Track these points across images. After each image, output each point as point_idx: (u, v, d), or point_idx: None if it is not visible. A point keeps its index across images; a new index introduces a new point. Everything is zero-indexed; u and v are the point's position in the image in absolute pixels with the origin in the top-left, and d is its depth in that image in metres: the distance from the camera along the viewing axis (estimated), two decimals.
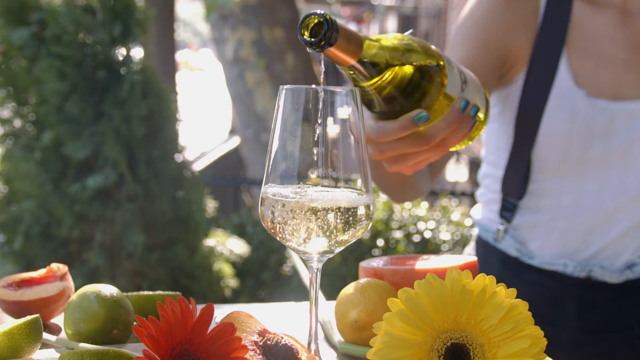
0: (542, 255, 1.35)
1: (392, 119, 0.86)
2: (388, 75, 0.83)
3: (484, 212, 1.45)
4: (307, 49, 0.76)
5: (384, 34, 0.87)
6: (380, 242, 3.69)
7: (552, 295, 1.34)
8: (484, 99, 0.95)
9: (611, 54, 1.28)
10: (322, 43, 0.76)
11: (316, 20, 0.77)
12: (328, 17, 0.76)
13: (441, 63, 0.86)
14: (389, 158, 0.92)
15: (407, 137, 0.87)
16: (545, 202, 1.33)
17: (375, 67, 0.82)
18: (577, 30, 1.28)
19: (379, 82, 0.83)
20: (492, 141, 1.41)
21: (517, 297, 0.72)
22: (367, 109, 0.89)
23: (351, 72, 0.83)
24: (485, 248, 1.43)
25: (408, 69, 0.84)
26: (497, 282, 0.72)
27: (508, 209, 1.36)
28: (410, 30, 0.91)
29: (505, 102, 1.33)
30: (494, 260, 1.40)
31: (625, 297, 1.33)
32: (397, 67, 0.83)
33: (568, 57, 1.28)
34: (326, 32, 0.75)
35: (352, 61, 0.81)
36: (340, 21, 0.78)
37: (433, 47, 0.88)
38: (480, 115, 0.94)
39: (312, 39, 0.76)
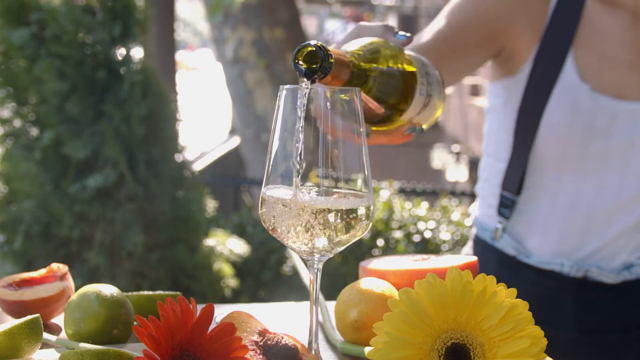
0: (539, 255, 1.35)
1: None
2: (363, 84, 0.85)
3: (482, 207, 1.45)
4: (303, 79, 0.77)
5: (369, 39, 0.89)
6: (380, 242, 3.69)
7: (549, 294, 1.34)
8: (441, 97, 0.98)
9: (618, 55, 1.28)
10: (320, 74, 0.76)
11: (309, 49, 0.78)
12: (322, 47, 0.77)
13: (411, 82, 0.89)
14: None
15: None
16: (543, 199, 1.33)
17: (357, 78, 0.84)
18: (586, 28, 1.28)
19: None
20: (493, 133, 1.41)
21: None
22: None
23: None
24: (482, 247, 1.43)
25: (371, 85, 0.85)
26: (503, 284, 0.71)
27: (506, 206, 1.36)
28: (408, 34, 0.91)
29: (509, 93, 1.33)
30: (492, 260, 1.40)
31: (623, 298, 1.33)
32: (369, 76, 0.85)
33: (574, 52, 1.28)
34: (323, 62, 0.76)
35: (343, 81, 0.82)
36: (329, 47, 0.79)
37: (407, 57, 0.89)
38: (423, 128, 0.97)
39: (310, 70, 0.77)
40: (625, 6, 1.29)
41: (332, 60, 0.77)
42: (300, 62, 0.78)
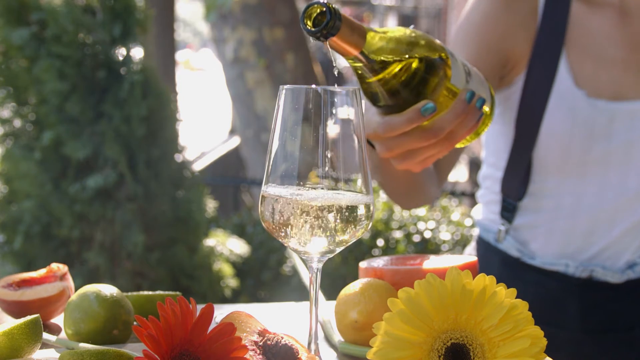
0: (544, 256, 1.35)
1: (398, 112, 0.86)
2: (393, 67, 0.83)
3: (484, 212, 1.45)
4: (311, 38, 0.76)
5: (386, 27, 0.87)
6: (380, 242, 3.69)
7: (553, 295, 1.34)
8: (488, 93, 0.95)
9: (610, 54, 1.28)
10: (325, 32, 0.75)
11: (319, 10, 0.77)
12: (331, 6, 0.76)
13: (445, 55, 0.86)
14: (397, 155, 0.92)
15: (414, 131, 0.87)
16: (546, 203, 1.33)
17: (380, 59, 0.82)
18: (576, 31, 1.28)
19: (384, 74, 0.83)
20: (492, 143, 1.41)
21: (518, 298, 0.72)
22: (373, 103, 0.89)
23: (356, 64, 0.83)
24: (486, 248, 1.43)
25: (412, 61, 0.83)
26: (498, 283, 0.72)
27: (508, 210, 1.36)
28: (412, 26, 0.91)
29: (506, 104, 1.33)
30: (495, 261, 1.40)
31: (627, 297, 1.33)
32: (401, 59, 0.83)
33: (567, 57, 1.28)
34: (329, 21, 0.75)
35: (356, 52, 0.80)
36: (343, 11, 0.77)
37: (436, 40, 0.88)
38: (486, 108, 0.93)
39: (315, 28, 0.76)
40: (610, 4, 1.29)
41: (341, 20, 0.76)
42: (309, 24, 0.77)
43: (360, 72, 0.84)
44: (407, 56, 0.83)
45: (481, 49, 1.28)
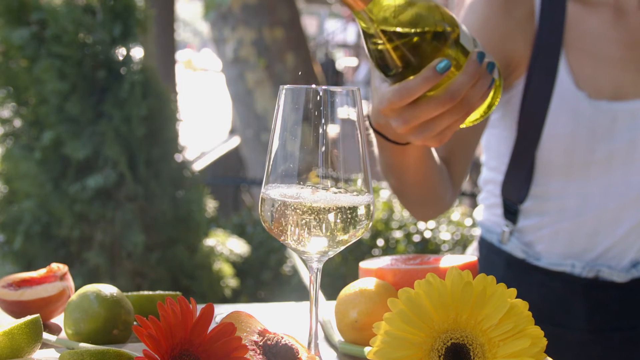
0: (549, 257, 1.35)
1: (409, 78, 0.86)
2: (403, 25, 0.82)
3: (486, 215, 1.45)
4: None
5: None
6: (380, 242, 3.69)
7: (559, 296, 1.34)
8: (495, 64, 0.95)
9: (608, 53, 1.28)
10: None
11: None
12: None
13: (453, 20, 0.86)
14: (414, 128, 0.90)
15: (430, 99, 0.86)
16: (551, 205, 1.33)
17: (389, 15, 0.81)
18: (574, 32, 1.28)
19: (394, 33, 0.82)
20: (493, 146, 1.41)
21: (524, 299, 0.71)
22: (384, 73, 0.88)
23: (366, 24, 0.82)
24: (489, 249, 1.43)
25: (422, 18, 0.83)
26: (503, 284, 0.71)
27: (511, 212, 1.36)
28: None
29: (506, 107, 1.33)
30: (499, 262, 1.40)
31: (631, 296, 1.34)
32: (411, 16, 0.82)
33: (567, 58, 1.28)
34: None
35: (364, 4, 0.80)
36: None
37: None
38: (496, 75, 0.93)
39: None
40: (606, 3, 1.29)
41: None
42: None
43: (369, 33, 0.83)
44: (416, 13, 0.82)
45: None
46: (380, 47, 0.84)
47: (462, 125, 0.94)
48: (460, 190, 1.31)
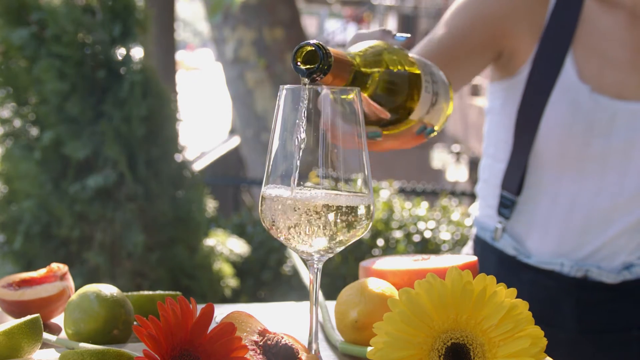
0: (539, 255, 1.35)
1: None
2: (368, 86, 0.85)
3: (482, 207, 1.45)
4: (303, 78, 0.77)
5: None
6: (380, 242, 3.69)
7: (549, 295, 1.34)
8: (448, 97, 0.97)
9: (617, 55, 1.28)
10: (319, 73, 0.76)
11: (309, 49, 0.78)
12: (321, 45, 0.77)
13: (417, 80, 0.89)
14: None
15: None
16: (543, 200, 1.33)
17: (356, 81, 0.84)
18: (585, 28, 1.28)
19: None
20: (493, 133, 1.41)
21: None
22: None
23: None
24: (483, 247, 1.43)
25: (378, 85, 0.86)
26: (503, 284, 0.71)
27: (506, 206, 1.36)
28: (407, 35, 0.92)
29: (508, 94, 1.33)
30: (492, 259, 1.40)
31: (623, 298, 1.33)
32: (373, 77, 0.85)
33: (574, 53, 1.28)
34: (321, 61, 0.76)
35: (342, 84, 0.82)
36: (329, 47, 0.79)
37: (410, 58, 0.90)
38: (435, 130, 0.97)
39: (308, 68, 0.77)
40: (623, 6, 1.29)
41: (332, 59, 0.77)
42: (299, 63, 0.78)
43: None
44: (375, 80, 0.85)
45: (477, 20, 1.29)
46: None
47: (437, 128, 0.98)
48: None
